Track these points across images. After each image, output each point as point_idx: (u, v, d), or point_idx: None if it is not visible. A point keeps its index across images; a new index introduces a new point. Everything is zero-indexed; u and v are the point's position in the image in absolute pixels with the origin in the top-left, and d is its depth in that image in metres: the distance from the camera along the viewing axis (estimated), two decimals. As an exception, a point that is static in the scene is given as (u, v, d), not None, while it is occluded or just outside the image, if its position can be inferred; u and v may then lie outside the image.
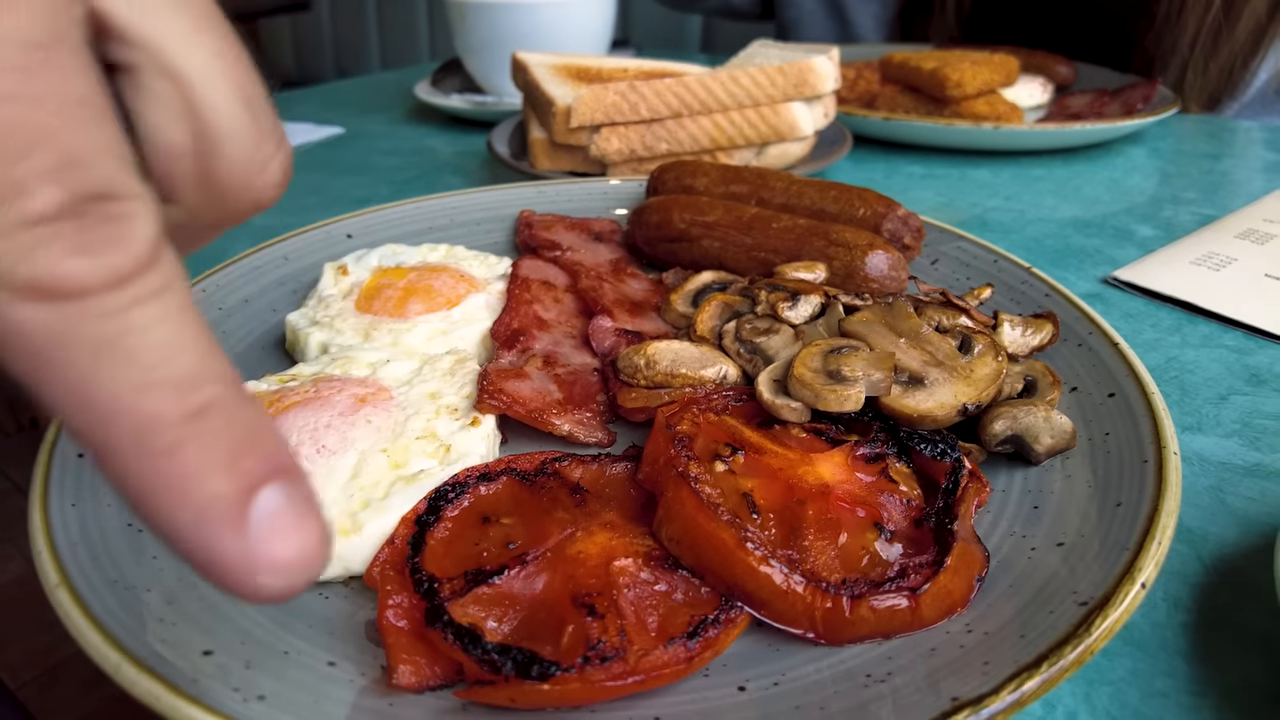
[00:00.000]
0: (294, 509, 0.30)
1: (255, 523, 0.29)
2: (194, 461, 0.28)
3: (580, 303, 0.86)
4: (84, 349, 0.27)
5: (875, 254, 0.84)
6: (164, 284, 0.28)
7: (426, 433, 0.62)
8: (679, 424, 0.61)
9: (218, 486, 0.29)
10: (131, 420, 0.27)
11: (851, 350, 0.67)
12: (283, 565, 0.30)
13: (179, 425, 0.28)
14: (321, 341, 0.76)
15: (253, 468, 0.30)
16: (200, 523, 0.29)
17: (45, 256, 0.26)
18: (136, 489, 0.28)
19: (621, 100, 1.16)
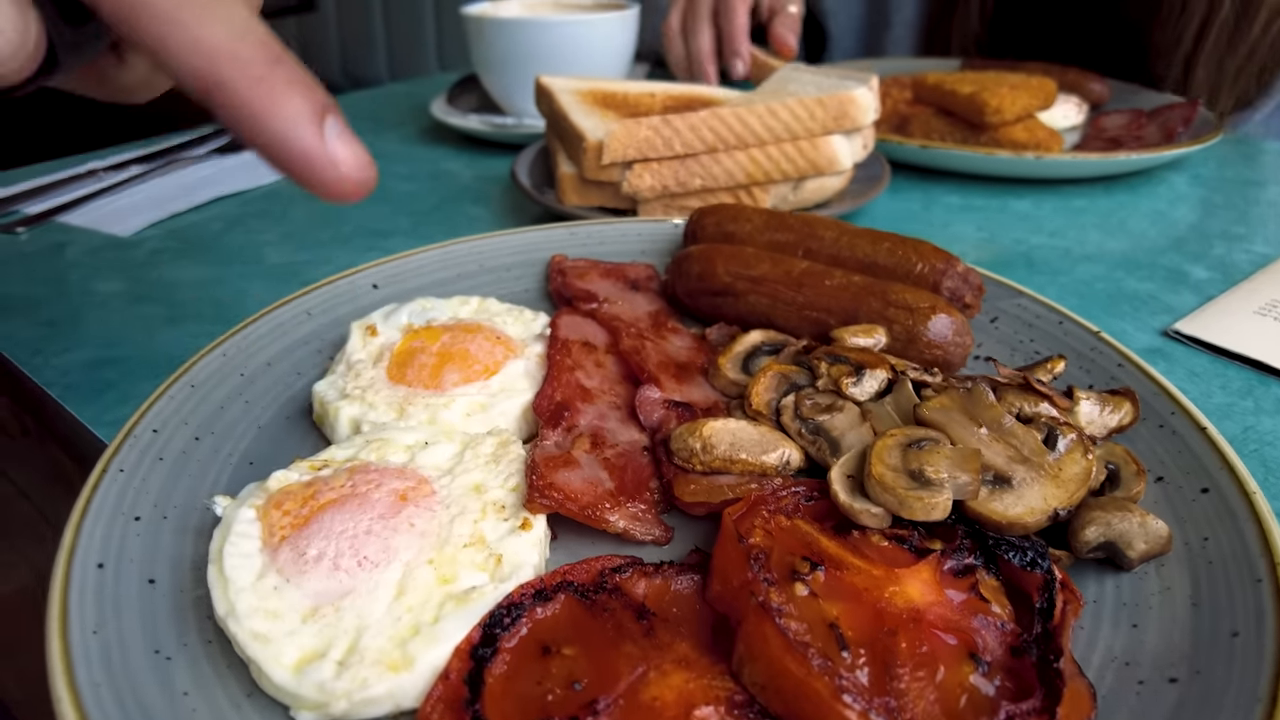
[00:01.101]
0: (348, 131, 0.46)
1: (329, 132, 0.44)
2: (281, 86, 0.43)
3: (623, 365, 0.82)
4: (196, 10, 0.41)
5: (938, 318, 0.79)
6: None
7: (474, 538, 0.58)
8: (751, 534, 0.56)
9: (300, 103, 0.43)
10: (235, 59, 0.42)
11: (932, 445, 0.62)
12: (354, 161, 0.45)
13: (267, 64, 0.43)
14: (353, 417, 0.71)
15: (320, 99, 0.44)
16: (293, 125, 0.43)
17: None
18: (243, 107, 0.42)
19: (655, 135, 1.11)
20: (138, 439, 0.66)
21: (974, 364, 0.84)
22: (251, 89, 0.42)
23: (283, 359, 0.81)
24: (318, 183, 0.45)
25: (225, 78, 0.42)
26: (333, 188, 0.45)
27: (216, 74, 0.42)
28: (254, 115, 0.43)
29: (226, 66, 0.42)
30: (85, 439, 0.83)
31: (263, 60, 0.43)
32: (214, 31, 0.42)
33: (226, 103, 0.42)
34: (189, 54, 0.41)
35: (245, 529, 0.57)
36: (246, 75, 0.42)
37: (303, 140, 0.43)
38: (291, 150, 0.44)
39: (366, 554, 0.55)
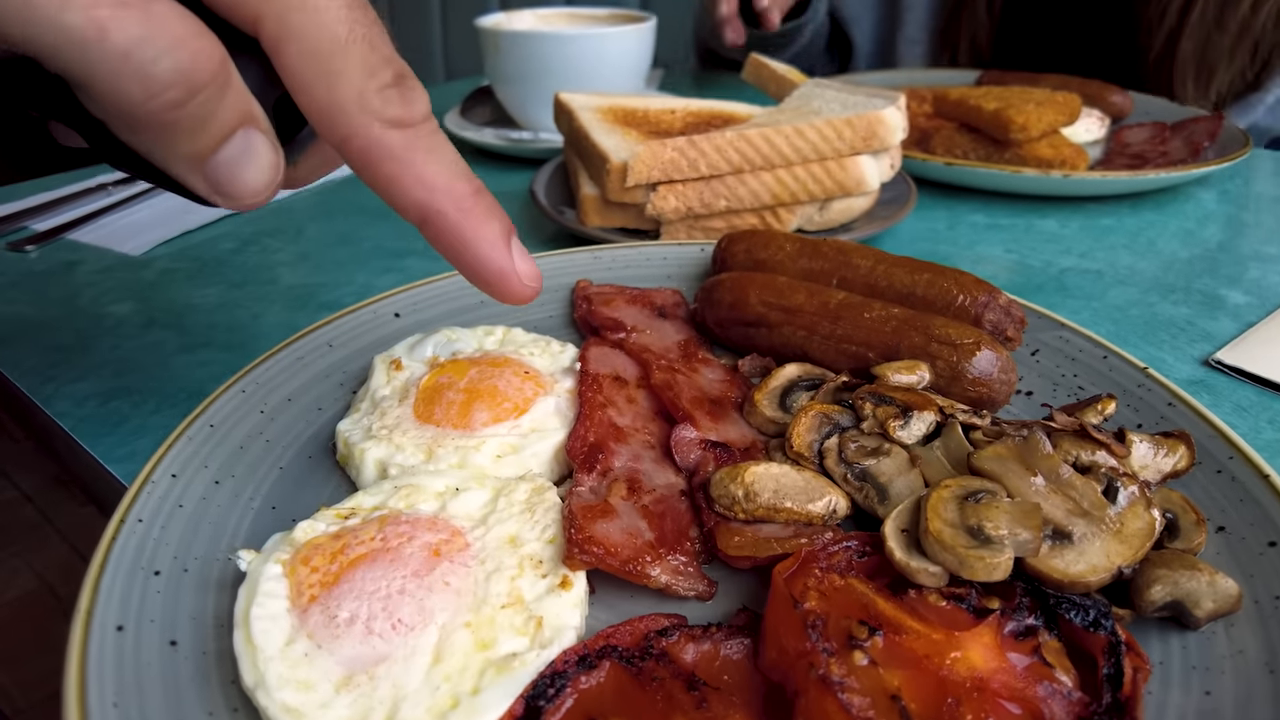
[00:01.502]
0: (523, 249, 0.56)
1: (515, 251, 0.55)
2: (484, 215, 0.53)
3: (654, 400, 0.79)
4: (422, 152, 0.50)
5: (983, 354, 0.76)
6: (438, 126, 0.52)
7: (512, 598, 0.55)
8: (805, 597, 0.54)
9: (497, 228, 0.53)
10: (450, 193, 0.51)
11: (989, 498, 0.60)
12: (533, 274, 0.56)
13: (473, 196, 0.52)
14: (379, 459, 0.68)
15: (506, 224, 0.55)
16: (492, 248, 0.53)
17: (394, 104, 0.49)
18: (455, 233, 0.52)
19: (680, 157, 1.08)
20: (156, 485, 0.63)
21: (1015, 398, 0.81)
22: (462, 219, 0.52)
23: (304, 394, 0.78)
24: (507, 294, 0.55)
25: (442, 210, 0.51)
26: (517, 297, 0.56)
27: (436, 207, 0.51)
28: (462, 241, 0.52)
29: (443, 201, 0.51)
30: (98, 474, 0.80)
31: (469, 194, 0.52)
32: (436, 171, 0.50)
33: (439, 229, 0.52)
34: (414, 189, 0.50)
35: (271, 587, 0.54)
36: (458, 208, 0.51)
37: (499, 261, 0.53)
38: (490, 269, 0.54)
39: (401, 616, 0.52)
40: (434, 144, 0.50)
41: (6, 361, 0.96)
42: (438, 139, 0.51)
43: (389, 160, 0.49)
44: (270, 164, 0.48)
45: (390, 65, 0.49)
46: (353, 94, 0.47)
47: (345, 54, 0.47)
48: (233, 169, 0.47)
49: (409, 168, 0.49)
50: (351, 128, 0.48)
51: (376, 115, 0.48)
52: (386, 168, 0.49)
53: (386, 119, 0.48)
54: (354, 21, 0.48)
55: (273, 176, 0.49)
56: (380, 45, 0.49)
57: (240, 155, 0.47)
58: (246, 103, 0.46)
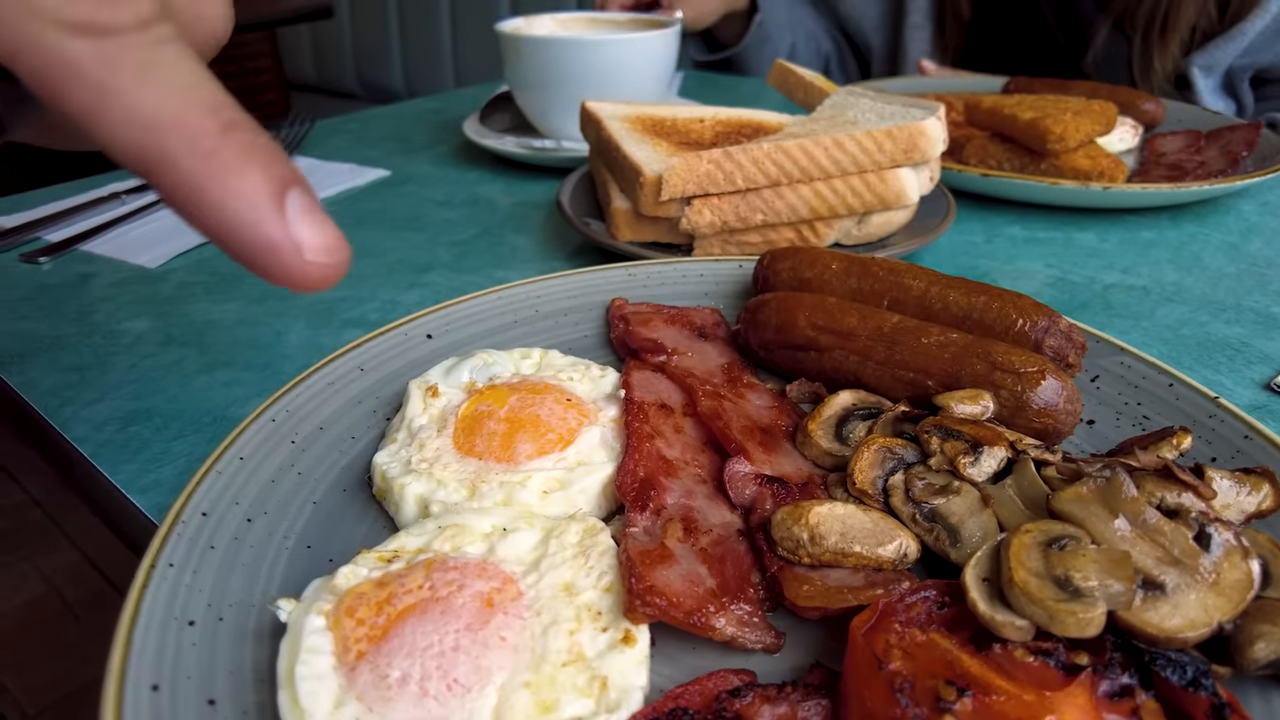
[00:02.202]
0: (316, 207, 0.38)
1: (291, 212, 0.37)
2: (235, 161, 0.36)
3: (702, 429, 0.75)
4: (130, 73, 0.34)
5: (1048, 383, 0.72)
6: (175, 35, 0.36)
7: (573, 654, 0.51)
8: (889, 656, 0.50)
9: (258, 180, 0.36)
10: (179, 129, 0.35)
11: (1074, 544, 0.56)
12: (322, 246, 0.38)
13: (217, 134, 0.35)
14: (420, 495, 0.65)
15: (280, 172, 0.37)
16: (250, 208, 0.36)
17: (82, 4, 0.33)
18: (192, 188, 0.35)
19: (716, 169, 1.04)
20: (186, 525, 0.60)
21: (1077, 428, 0.78)
22: (200, 164, 0.35)
23: (335, 422, 0.74)
24: (279, 272, 0.38)
25: (168, 151, 0.35)
26: (295, 277, 0.38)
27: (158, 148, 0.35)
28: (204, 195, 0.36)
29: (170, 138, 0.35)
30: (119, 504, 0.77)
31: (213, 128, 0.36)
32: (153, 96, 0.35)
33: (170, 182, 0.36)
34: (124, 126, 0.35)
35: (315, 642, 0.51)
36: (193, 148, 0.35)
37: (262, 224, 0.36)
38: (249, 236, 0.37)
39: (457, 676, 0.48)
40: (155, 58, 0.35)
41: (22, 382, 0.92)
42: (165, 51, 0.35)
43: (77, 84, 0.34)
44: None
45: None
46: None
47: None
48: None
49: (113, 96, 0.34)
50: (17, 39, 0.33)
51: (50, 16, 0.33)
52: (77, 97, 0.34)
53: (66, 22, 0.33)
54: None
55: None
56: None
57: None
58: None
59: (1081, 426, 0.79)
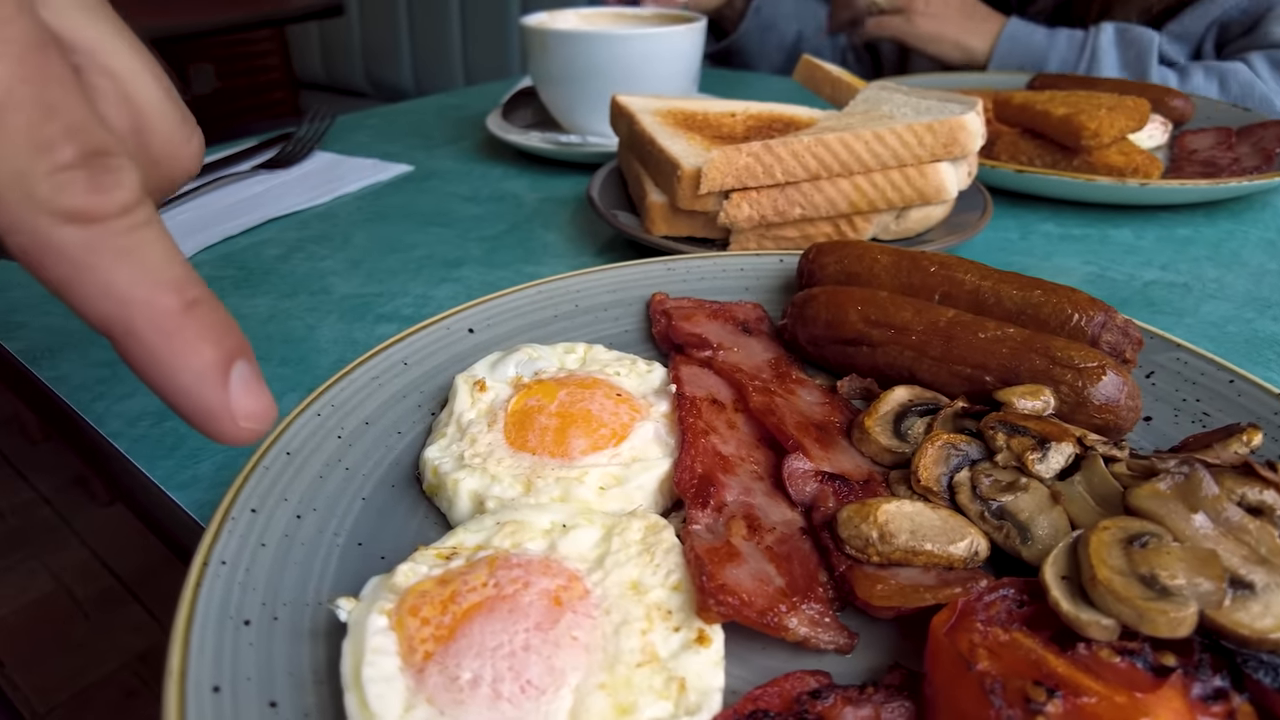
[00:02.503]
0: (256, 377, 0.43)
1: (234, 383, 0.41)
2: (193, 338, 0.40)
3: (755, 426, 0.74)
4: (109, 256, 0.37)
5: (1109, 379, 0.71)
6: (151, 217, 0.39)
7: (646, 655, 0.50)
8: (976, 656, 0.48)
9: (210, 356, 0.40)
10: (147, 308, 0.38)
11: (1155, 541, 0.54)
12: (256, 414, 0.43)
13: (180, 313, 0.39)
14: (474, 491, 0.63)
15: (230, 346, 0.41)
16: (198, 381, 0.40)
17: (73, 192, 0.36)
18: (150, 359, 0.39)
19: (755, 163, 1.03)
20: (236, 522, 0.58)
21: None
22: (161, 340, 0.39)
23: (381, 416, 0.73)
24: (213, 433, 0.43)
25: (134, 325, 0.39)
26: (227, 438, 0.43)
27: (126, 321, 0.38)
28: (160, 365, 0.40)
29: (137, 314, 0.38)
30: (157, 500, 0.75)
31: (177, 308, 0.39)
32: (128, 277, 0.38)
33: (131, 349, 0.39)
34: (96, 300, 0.38)
35: (380, 643, 0.49)
36: (158, 326, 0.39)
37: (207, 398, 0.41)
38: (194, 403, 0.41)
39: (530, 677, 0.47)
40: (132, 242, 0.38)
41: (53, 377, 0.91)
42: (142, 234, 0.38)
43: (59, 263, 0.37)
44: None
45: (75, 138, 0.36)
46: (9, 176, 0.35)
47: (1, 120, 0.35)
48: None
49: (90, 273, 0.37)
50: (9, 220, 0.36)
51: (44, 206, 0.36)
52: (56, 271, 0.37)
53: (58, 211, 0.36)
54: (19, 79, 0.35)
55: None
56: (64, 109, 0.36)
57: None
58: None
59: (1139, 423, 0.77)
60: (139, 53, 0.44)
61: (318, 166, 1.57)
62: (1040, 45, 2.09)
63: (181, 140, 0.46)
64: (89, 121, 0.37)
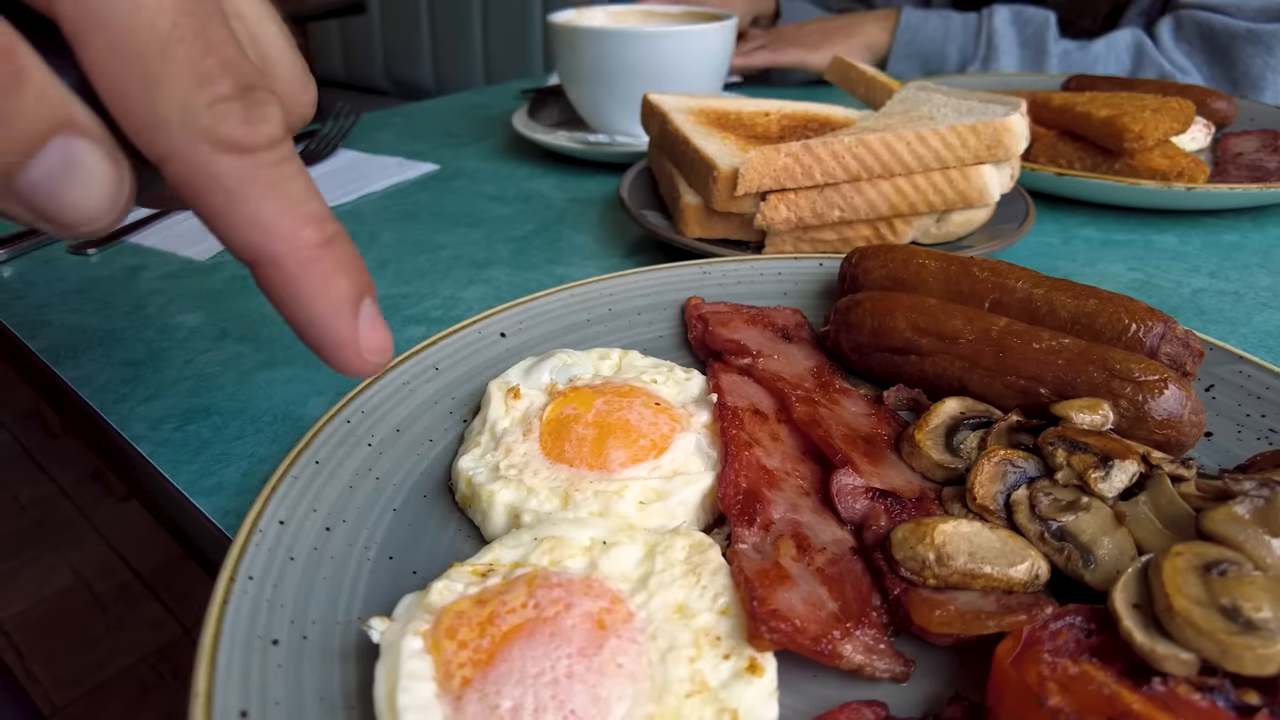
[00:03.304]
0: (379, 314, 0.46)
1: (363, 316, 0.44)
2: (330, 270, 0.42)
3: (799, 437, 0.71)
4: (259, 187, 0.39)
5: (1170, 392, 0.67)
6: (293, 152, 0.41)
7: (696, 684, 0.47)
8: (1045, 690, 0.45)
9: (345, 288, 0.43)
10: (291, 239, 0.40)
11: (1235, 569, 0.51)
12: (379, 347, 0.46)
13: (319, 246, 0.41)
14: (510, 504, 0.61)
15: (362, 281, 0.44)
16: (332, 311, 0.43)
17: (231, 123, 0.38)
18: (290, 287, 0.41)
19: (794, 164, 1.00)
20: (264, 535, 0.56)
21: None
22: (302, 270, 0.41)
23: (412, 424, 0.70)
24: (339, 363, 0.45)
25: (278, 254, 0.41)
26: (348, 369, 0.45)
27: (270, 251, 0.41)
28: (298, 296, 0.42)
29: (281, 244, 0.41)
30: (180, 507, 0.73)
31: (317, 241, 0.42)
32: (277, 210, 0.40)
33: (272, 278, 0.42)
34: (244, 229, 0.40)
35: (415, 667, 0.47)
36: (299, 256, 0.41)
37: (340, 329, 0.43)
38: (325, 334, 0.44)
39: (574, 708, 0.44)
40: (279, 175, 0.40)
41: (76, 377, 0.89)
42: (286, 168, 0.40)
43: (215, 191, 0.39)
44: (107, 179, 0.37)
45: (231, 71, 0.38)
46: (174, 106, 0.36)
47: (167, 53, 0.36)
48: (51, 188, 0.36)
49: (242, 203, 0.39)
50: (171, 148, 0.37)
51: (205, 135, 0.37)
52: (212, 200, 0.39)
53: (218, 140, 0.38)
54: (184, 12, 0.36)
55: (113, 195, 0.38)
56: (220, 45, 0.38)
57: (60, 171, 0.36)
58: (59, 103, 0.35)
59: (1199, 440, 0.73)
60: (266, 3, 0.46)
61: (341, 165, 1.55)
62: (937, 31, 2.09)
63: (301, 86, 0.48)
64: (241, 57, 0.39)
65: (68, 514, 3.54)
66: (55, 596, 3.13)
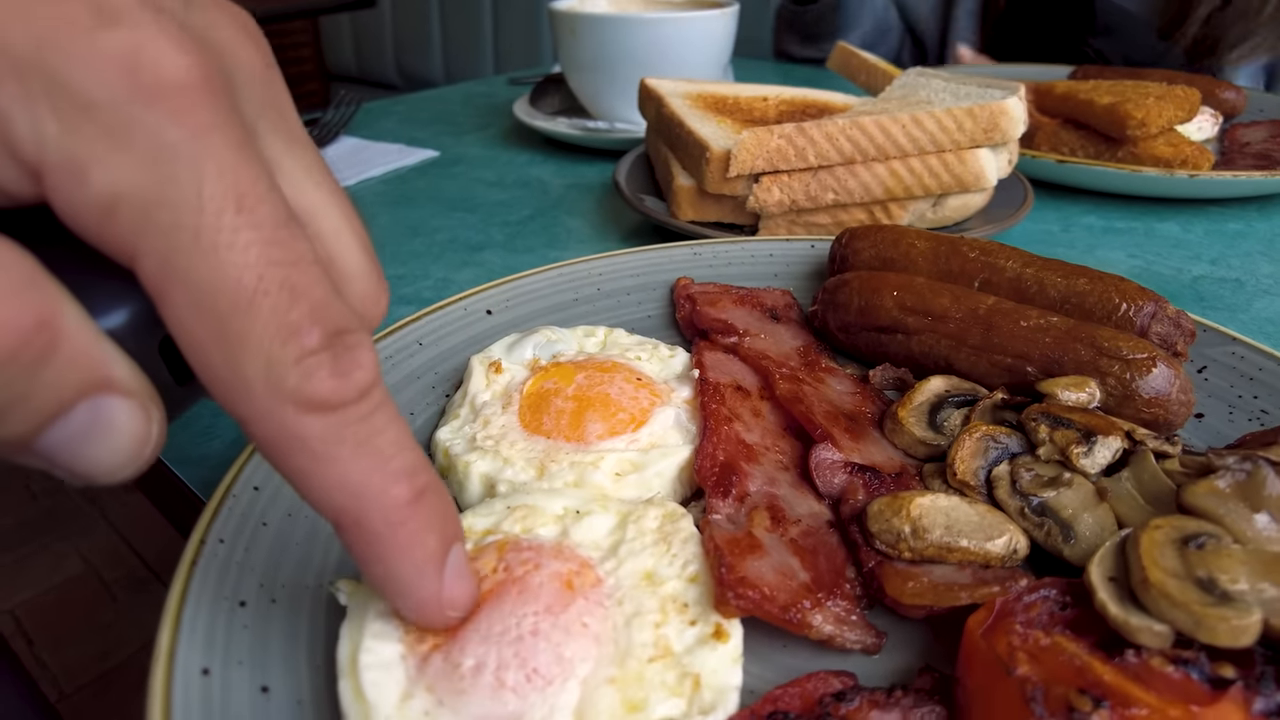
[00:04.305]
0: (466, 561, 0.43)
1: (449, 571, 0.41)
2: (419, 529, 0.39)
3: (782, 414, 0.70)
4: (348, 447, 0.36)
5: (1159, 371, 0.67)
6: (386, 397, 0.38)
7: (659, 649, 0.47)
8: (1015, 660, 0.45)
9: (431, 547, 0.40)
10: (379, 500, 0.37)
11: (1213, 543, 0.50)
12: (461, 602, 0.43)
13: (409, 504, 0.38)
14: (486, 474, 0.60)
15: (451, 534, 0.41)
16: (418, 573, 0.40)
17: (320, 379, 0.34)
18: (375, 550, 0.38)
19: (787, 145, 0.99)
20: (237, 499, 0.56)
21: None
22: (388, 531, 0.38)
23: (394, 396, 0.69)
24: (419, 619, 0.43)
25: (365, 516, 0.37)
26: (431, 623, 0.44)
27: (357, 512, 0.37)
28: (383, 555, 0.39)
29: (370, 506, 0.37)
30: (164, 479, 0.73)
31: (405, 501, 0.38)
32: (366, 470, 0.37)
33: (356, 539, 0.38)
34: (332, 491, 0.37)
35: (380, 628, 0.46)
36: (387, 519, 0.38)
37: (424, 590, 0.41)
38: (409, 591, 0.41)
39: (536, 666, 0.44)
40: (370, 429, 0.36)
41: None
42: (378, 419, 0.37)
43: (300, 454, 0.35)
44: (134, 435, 0.33)
45: (319, 319, 0.34)
46: (259, 365, 0.33)
47: (252, 310, 0.33)
48: (73, 449, 0.33)
49: (329, 465, 0.36)
50: (254, 410, 0.34)
51: (291, 395, 0.34)
52: (295, 461, 0.36)
53: (304, 400, 0.34)
54: (270, 262, 0.33)
55: (139, 448, 0.34)
56: (309, 289, 0.34)
57: (84, 432, 0.32)
58: (94, 365, 0.32)
59: (1190, 421, 0.73)
60: (344, 208, 0.41)
61: (343, 151, 1.55)
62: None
63: (373, 301, 0.44)
64: (331, 298, 0.35)
65: (78, 503, 3.57)
66: (65, 584, 3.15)
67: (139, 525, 3.40)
